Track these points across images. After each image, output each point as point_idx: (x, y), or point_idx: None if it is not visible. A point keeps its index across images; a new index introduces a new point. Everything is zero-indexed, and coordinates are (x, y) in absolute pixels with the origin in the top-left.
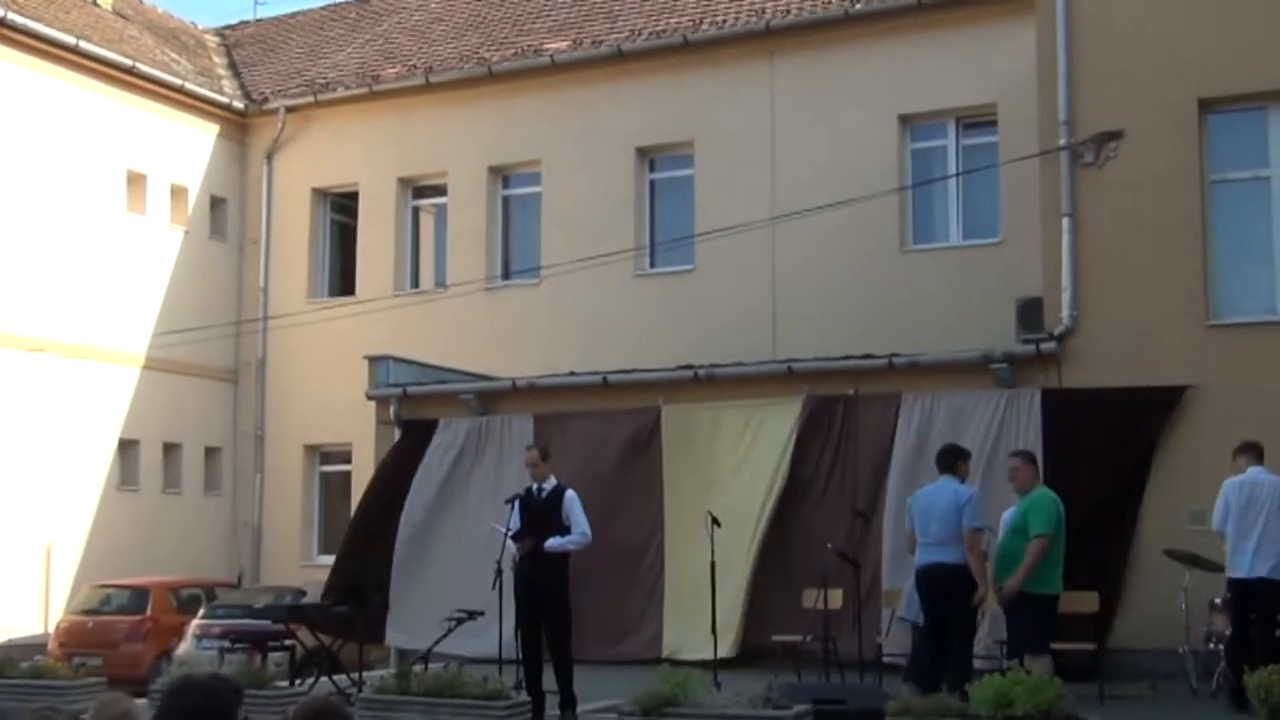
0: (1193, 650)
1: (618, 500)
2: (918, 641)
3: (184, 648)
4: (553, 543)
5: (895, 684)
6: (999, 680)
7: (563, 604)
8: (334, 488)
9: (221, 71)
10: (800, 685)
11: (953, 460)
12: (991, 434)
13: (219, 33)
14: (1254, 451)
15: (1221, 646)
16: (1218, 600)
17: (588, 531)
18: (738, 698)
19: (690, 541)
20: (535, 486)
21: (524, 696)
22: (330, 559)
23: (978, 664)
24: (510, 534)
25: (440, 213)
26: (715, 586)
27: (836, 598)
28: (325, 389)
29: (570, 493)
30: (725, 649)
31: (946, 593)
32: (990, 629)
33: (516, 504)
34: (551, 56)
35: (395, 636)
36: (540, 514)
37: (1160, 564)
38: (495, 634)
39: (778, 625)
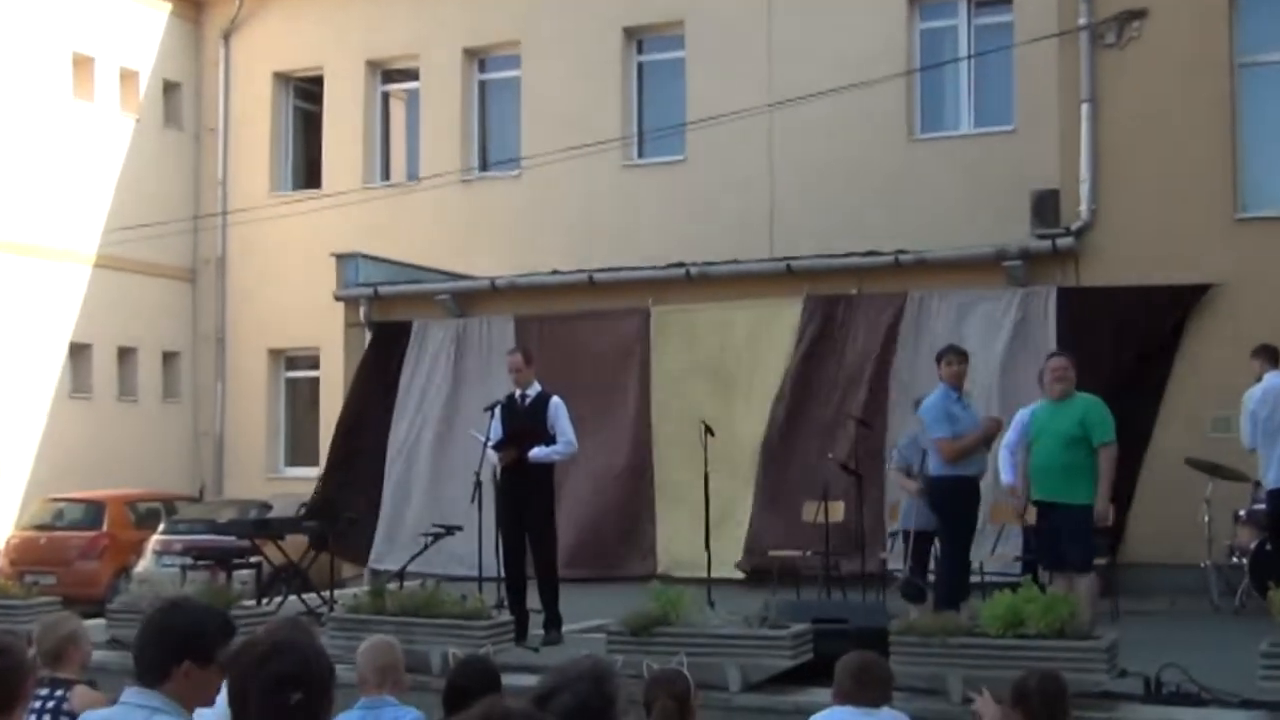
0: (1215, 565)
1: (605, 408)
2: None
3: (143, 565)
4: (537, 453)
5: (900, 601)
6: (1009, 596)
7: (547, 517)
8: (300, 395)
9: None
10: (799, 603)
11: (937, 361)
12: (1004, 335)
13: None
14: (1268, 355)
15: (1245, 561)
16: (1241, 513)
17: (574, 441)
18: (732, 617)
19: (683, 452)
20: (518, 393)
21: (506, 615)
22: (299, 471)
23: (993, 579)
24: (491, 443)
25: (412, 99)
26: (709, 500)
27: (838, 511)
28: (290, 289)
29: (556, 399)
30: (721, 566)
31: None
32: (1008, 545)
33: (497, 411)
34: None
35: (382, 557)
36: (523, 422)
37: (1181, 474)
38: (475, 550)
39: (776, 540)
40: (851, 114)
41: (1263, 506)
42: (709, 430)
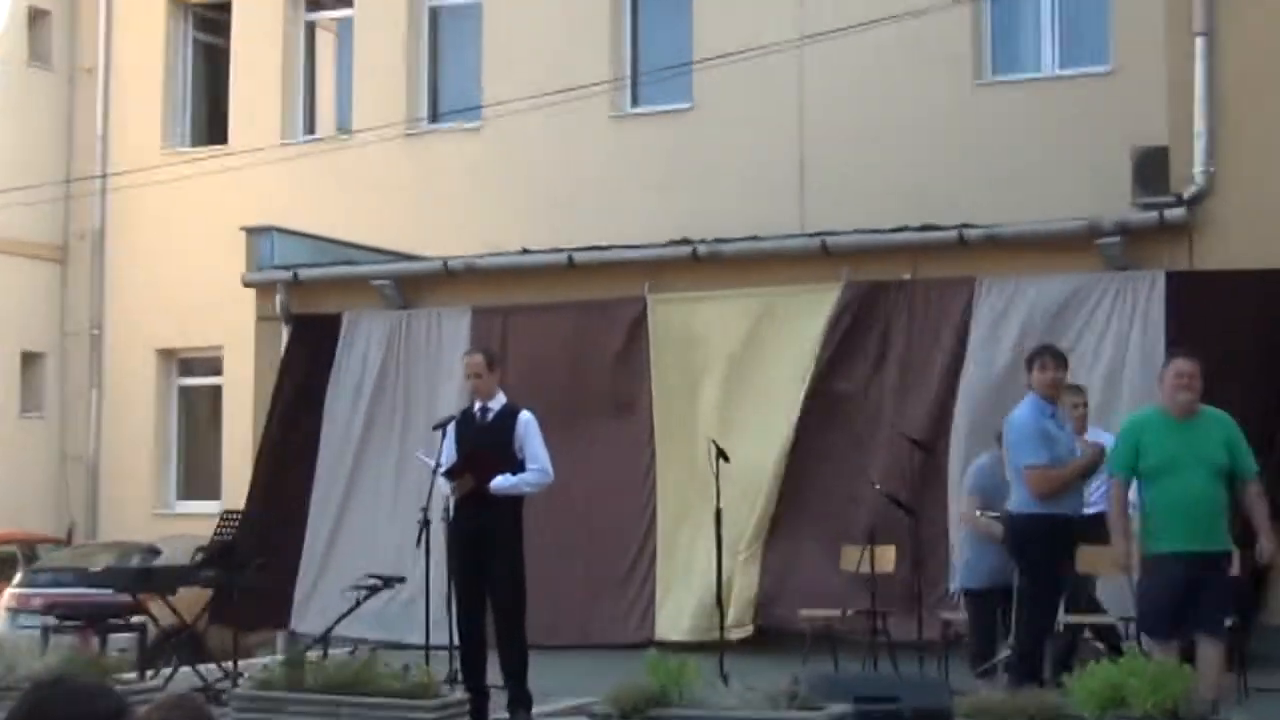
0: None
1: (588, 425)
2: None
3: None
4: (501, 483)
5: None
6: (1107, 668)
7: (514, 566)
8: (198, 408)
9: None
10: (838, 677)
11: (1028, 365)
12: (1097, 333)
13: None
14: None
15: None
16: None
17: (548, 468)
18: (751, 694)
19: (688, 482)
20: (477, 406)
21: (460, 693)
22: (195, 506)
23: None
24: (442, 470)
25: (344, 31)
26: (721, 544)
27: (887, 557)
28: (187, 273)
29: (525, 415)
30: (736, 628)
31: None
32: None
33: (450, 430)
34: None
35: (304, 617)
36: (484, 443)
37: None
38: (420, 608)
39: (806, 596)
40: (904, 52)
41: None
42: (721, 454)
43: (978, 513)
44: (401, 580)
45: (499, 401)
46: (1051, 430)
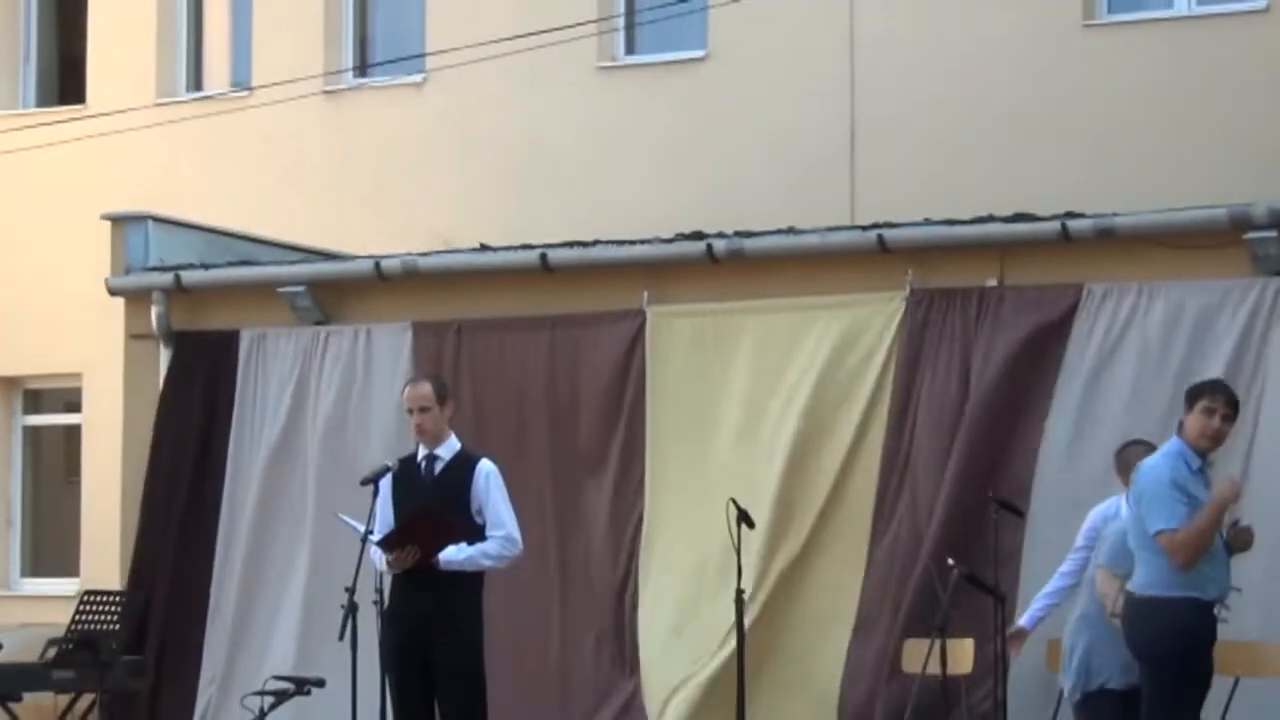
0: None
1: (568, 479)
2: None
3: None
4: (454, 555)
5: None
6: None
7: (470, 665)
8: (49, 454)
9: None
10: None
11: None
12: (1249, 352)
13: None
14: None
15: None
16: None
17: (515, 535)
18: None
19: (694, 554)
20: (423, 454)
21: None
22: (47, 585)
23: None
24: (375, 538)
25: None
26: (744, 634)
27: (963, 655)
28: (31, 276)
29: (486, 466)
30: None
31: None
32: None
33: (386, 485)
34: None
35: None
36: (432, 502)
37: None
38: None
39: (857, 701)
40: None
41: None
42: (744, 517)
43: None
44: (319, 683)
45: (451, 448)
46: (1194, 489)
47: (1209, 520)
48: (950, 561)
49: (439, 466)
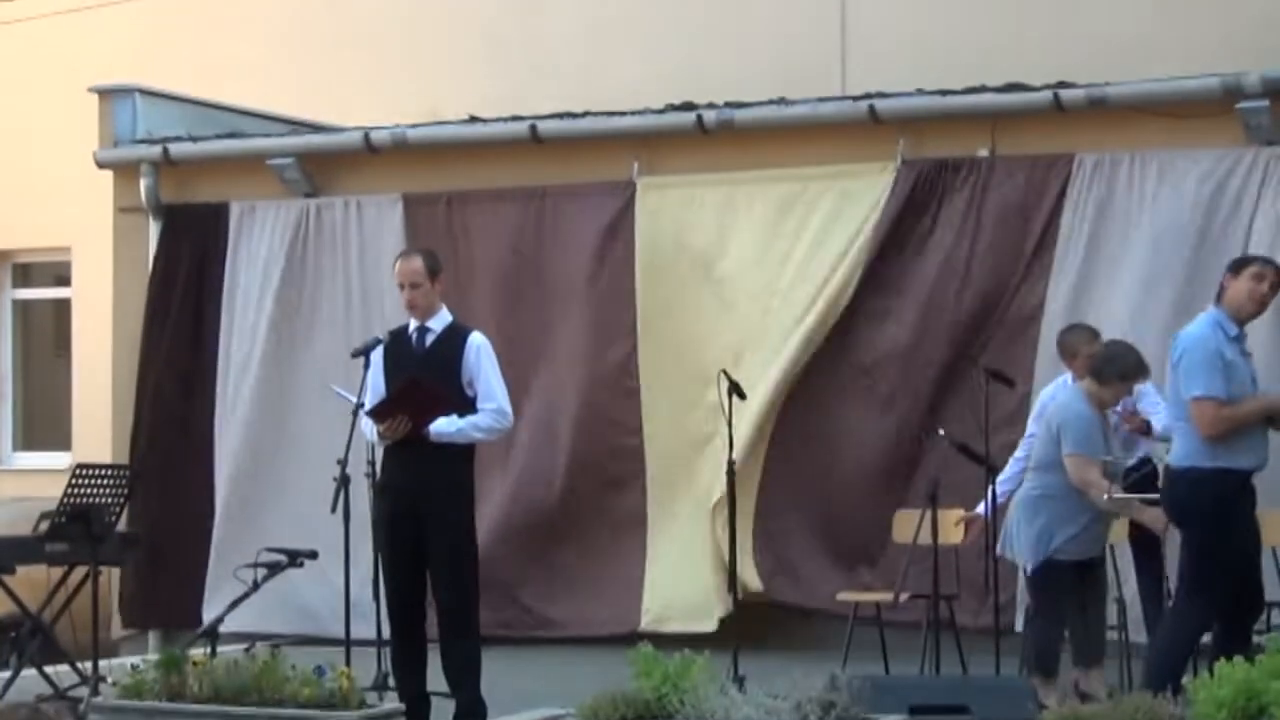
0: None
1: (556, 350)
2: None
3: None
4: (444, 427)
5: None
6: (1241, 669)
7: (462, 537)
8: (39, 328)
9: None
10: (889, 680)
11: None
12: (1240, 230)
13: None
14: None
15: None
16: None
17: (506, 407)
18: (776, 702)
19: (686, 427)
20: (413, 326)
21: (391, 703)
22: (38, 459)
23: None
24: (366, 408)
25: None
26: (735, 505)
27: (953, 525)
28: (19, 150)
29: (477, 339)
30: (754, 616)
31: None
32: None
33: (377, 356)
34: None
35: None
36: (423, 375)
37: None
38: (338, 592)
39: (846, 573)
40: None
41: None
42: (735, 388)
43: (1107, 490)
44: (312, 555)
45: (442, 320)
46: (1233, 357)
47: (1251, 415)
48: (941, 431)
49: (430, 339)
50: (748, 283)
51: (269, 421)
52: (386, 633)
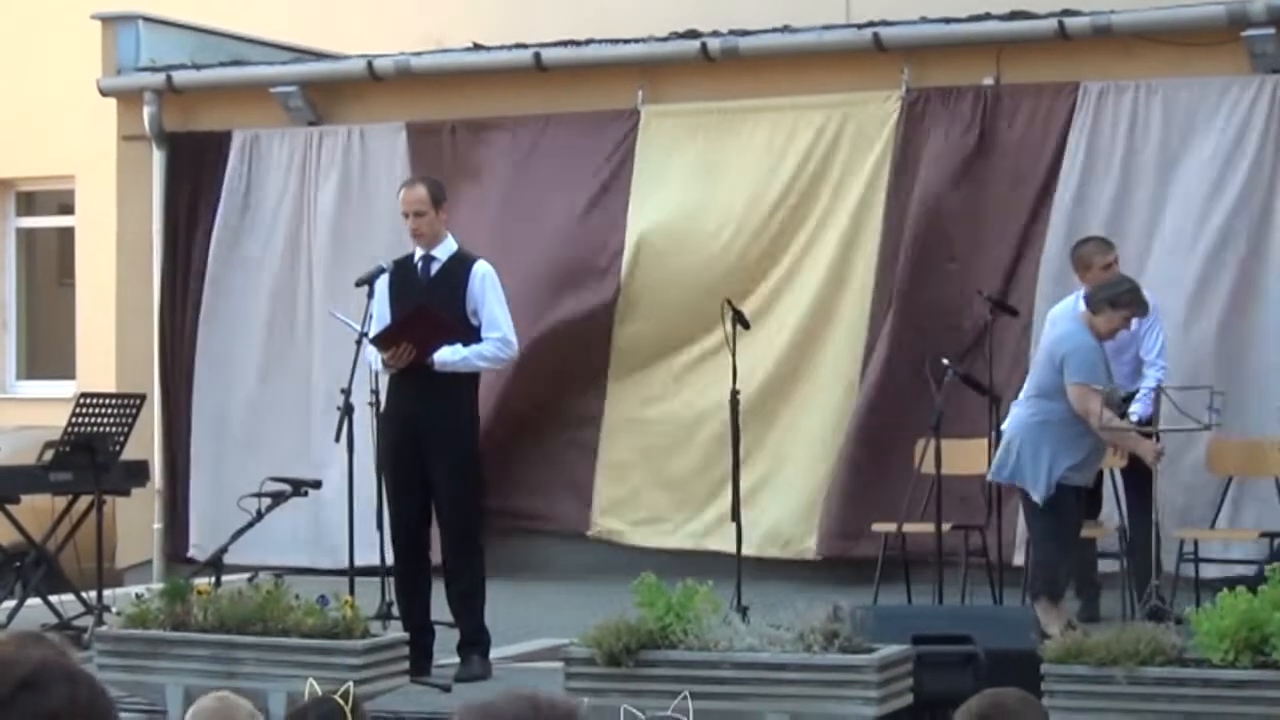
0: None
1: (559, 278)
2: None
3: None
4: (449, 356)
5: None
6: (1243, 599)
7: (466, 466)
8: (43, 257)
9: None
10: (890, 610)
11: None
12: (1240, 158)
13: None
14: None
15: None
16: None
17: (511, 336)
18: (778, 631)
19: (690, 353)
20: (419, 254)
21: (395, 632)
22: (41, 387)
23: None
24: (370, 336)
25: None
26: (739, 434)
27: (962, 453)
28: (22, 79)
29: (483, 267)
30: (759, 539)
31: None
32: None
33: (382, 285)
34: None
35: (195, 539)
36: (428, 303)
37: None
38: (341, 522)
39: (856, 506)
40: None
41: None
42: (739, 318)
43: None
44: (316, 485)
45: (447, 249)
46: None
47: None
48: (945, 361)
49: (435, 268)
50: (754, 212)
51: (273, 351)
52: (390, 561)
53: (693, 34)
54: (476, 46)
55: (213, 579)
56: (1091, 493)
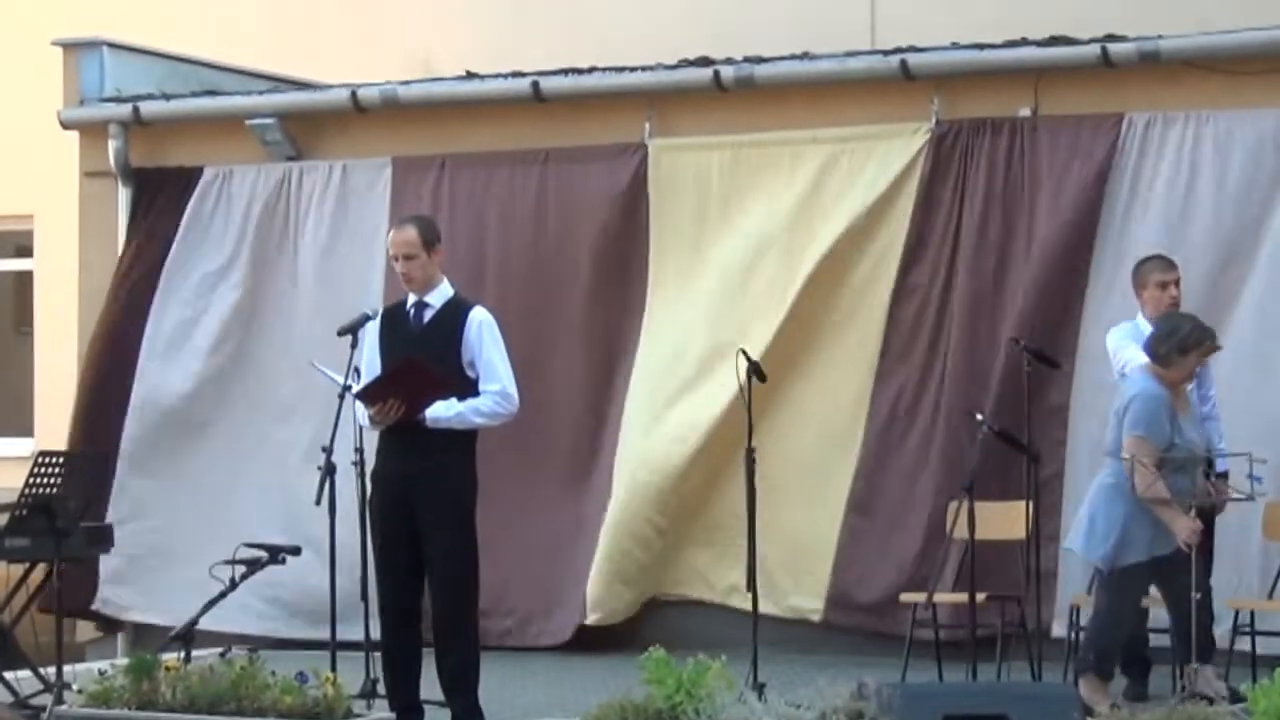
0: None
1: (561, 328)
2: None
3: None
4: (442, 412)
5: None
6: None
7: (461, 532)
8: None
9: None
10: (921, 688)
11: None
12: None
13: None
14: None
15: None
16: None
17: (511, 390)
18: (797, 711)
19: (700, 406)
20: (410, 301)
21: (380, 713)
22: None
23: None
24: (355, 389)
25: None
26: (754, 491)
27: (998, 517)
28: None
29: (481, 315)
30: (784, 599)
31: None
32: None
33: (370, 334)
34: None
35: (122, 596)
36: (420, 353)
37: None
38: (323, 591)
39: (871, 570)
40: None
41: None
42: (755, 369)
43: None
44: (295, 551)
45: (441, 294)
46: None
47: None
48: (979, 416)
49: (428, 314)
50: (771, 254)
51: (240, 407)
52: (376, 635)
53: (705, 61)
54: (469, 75)
55: (182, 654)
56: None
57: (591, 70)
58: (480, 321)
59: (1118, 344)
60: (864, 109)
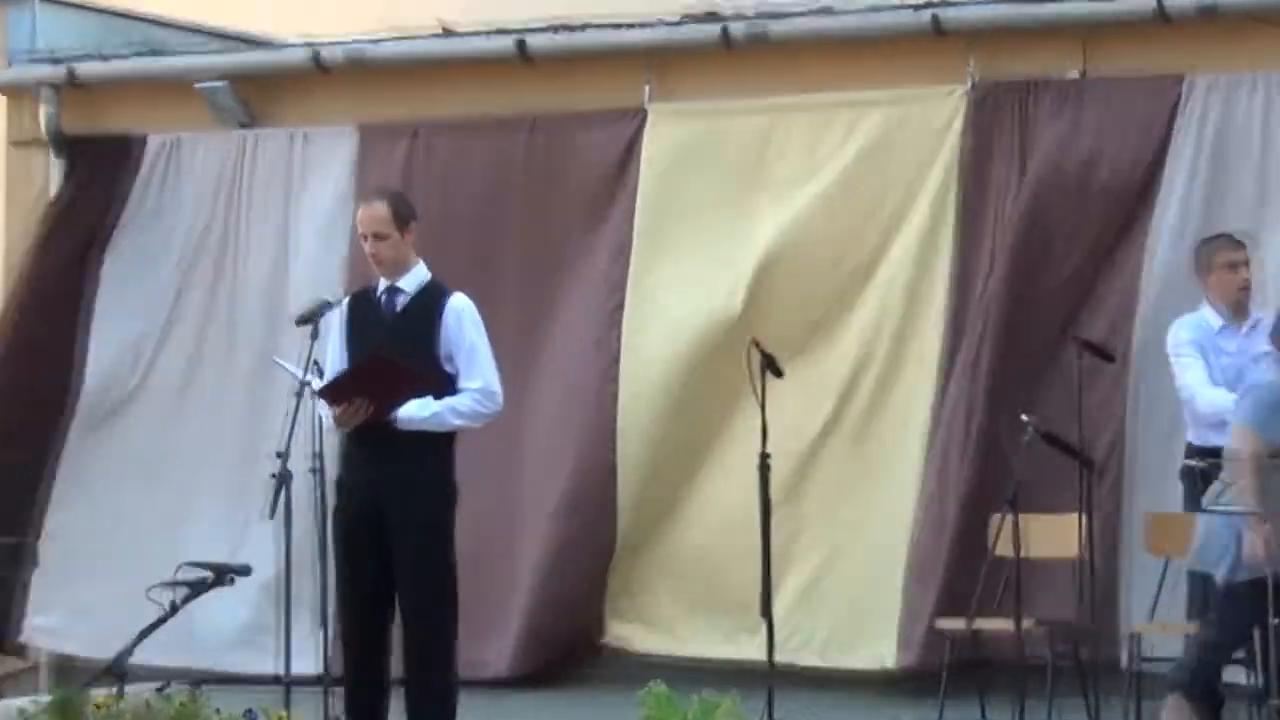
0: None
1: (547, 313)
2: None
3: None
4: (414, 412)
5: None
6: None
7: (434, 545)
8: None
9: None
10: None
11: None
12: None
13: None
14: None
15: None
16: None
17: (493, 387)
18: None
19: (701, 409)
20: (383, 286)
21: None
22: None
23: None
24: (317, 386)
25: None
26: (769, 504)
27: (1050, 534)
28: None
29: (460, 302)
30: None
31: None
32: None
33: (334, 323)
34: None
35: (46, 624)
36: (391, 344)
37: None
38: (277, 618)
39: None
40: None
41: None
42: (770, 363)
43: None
44: (244, 571)
45: (416, 279)
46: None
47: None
48: (1025, 417)
49: (401, 301)
50: (786, 233)
51: (186, 406)
52: (337, 669)
53: (712, 16)
54: (446, 32)
55: (115, 689)
56: None
57: (584, 27)
58: (459, 310)
59: (1178, 348)
60: (892, 70)
